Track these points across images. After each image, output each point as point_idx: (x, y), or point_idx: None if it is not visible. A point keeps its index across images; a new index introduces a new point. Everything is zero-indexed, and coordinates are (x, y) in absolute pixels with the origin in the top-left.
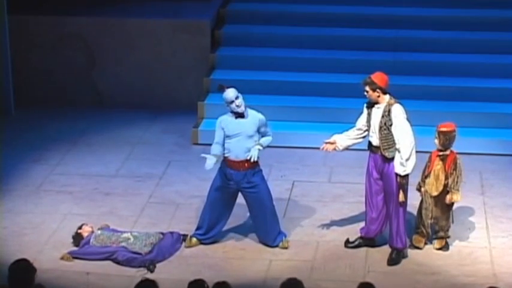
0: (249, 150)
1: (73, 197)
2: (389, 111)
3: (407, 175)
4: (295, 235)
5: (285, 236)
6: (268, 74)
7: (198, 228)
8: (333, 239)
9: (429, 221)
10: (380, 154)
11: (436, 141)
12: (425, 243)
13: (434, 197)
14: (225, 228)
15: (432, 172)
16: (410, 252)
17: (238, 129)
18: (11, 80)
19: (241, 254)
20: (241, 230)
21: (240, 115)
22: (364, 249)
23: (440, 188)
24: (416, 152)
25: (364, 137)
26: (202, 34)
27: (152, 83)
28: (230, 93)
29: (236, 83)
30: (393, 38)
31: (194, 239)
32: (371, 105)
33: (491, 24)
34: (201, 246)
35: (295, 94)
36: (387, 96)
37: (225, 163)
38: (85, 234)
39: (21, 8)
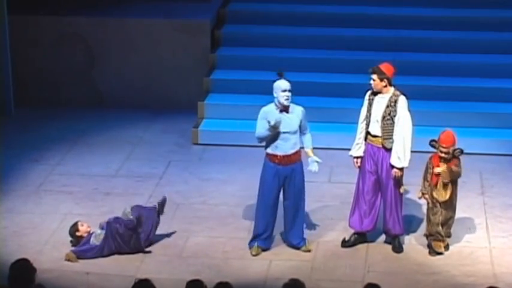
0: (295, 144)
1: (73, 197)
2: (395, 101)
3: (403, 168)
4: None
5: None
6: (268, 74)
7: (258, 235)
8: (333, 239)
9: (440, 227)
10: (377, 144)
11: (447, 156)
12: (445, 247)
13: (444, 202)
14: (226, 228)
15: (439, 181)
16: (410, 252)
17: (285, 126)
18: (11, 80)
19: (241, 254)
20: (242, 230)
21: (284, 109)
22: (364, 249)
23: (449, 192)
24: (416, 151)
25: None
26: (202, 34)
27: (152, 83)
28: (285, 82)
29: (236, 83)
30: (393, 38)
31: (260, 248)
32: (374, 94)
33: (491, 24)
34: (201, 246)
35: (296, 94)
36: (392, 88)
37: (271, 160)
38: (84, 235)
39: (21, 8)
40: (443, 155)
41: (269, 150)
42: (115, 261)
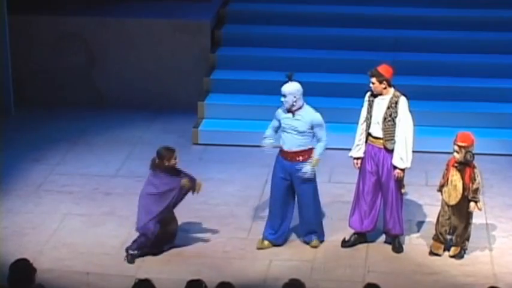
0: (302, 144)
1: (73, 197)
2: (396, 102)
3: (404, 168)
4: (295, 235)
5: (319, 238)
6: (268, 74)
7: (268, 228)
8: (333, 239)
9: (446, 228)
10: (379, 145)
11: (458, 155)
12: (444, 250)
13: (452, 206)
14: (226, 228)
15: (449, 182)
16: (410, 252)
17: (289, 125)
18: (11, 80)
19: (241, 254)
20: (242, 230)
21: (288, 110)
22: (364, 249)
23: (459, 198)
24: (416, 151)
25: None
26: (202, 34)
27: (152, 83)
28: (286, 87)
29: (236, 83)
30: (393, 38)
31: (266, 242)
32: (374, 96)
33: (491, 24)
34: (202, 247)
35: None
36: (392, 89)
37: (280, 154)
38: (169, 165)
39: (21, 8)
40: (455, 153)
41: (279, 143)
42: (115, 261)
